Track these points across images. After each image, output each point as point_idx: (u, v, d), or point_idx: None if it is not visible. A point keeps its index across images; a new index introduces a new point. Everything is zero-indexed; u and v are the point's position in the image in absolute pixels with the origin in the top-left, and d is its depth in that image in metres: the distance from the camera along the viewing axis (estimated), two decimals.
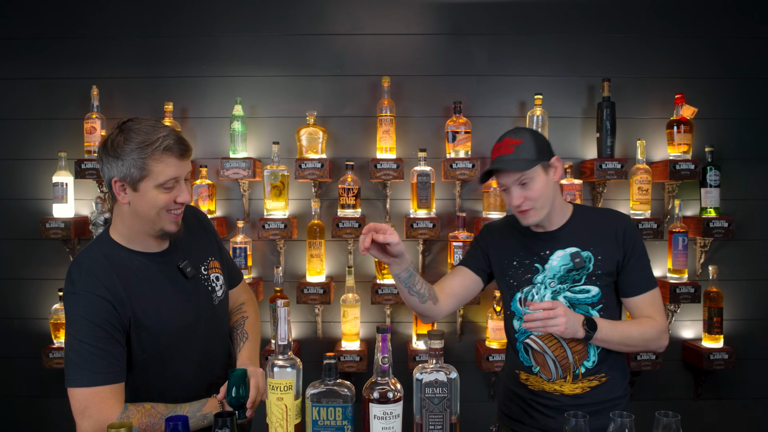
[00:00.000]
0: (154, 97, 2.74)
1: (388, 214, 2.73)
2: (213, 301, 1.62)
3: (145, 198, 1.43)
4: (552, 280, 1.67)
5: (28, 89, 2.76)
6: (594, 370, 1.66)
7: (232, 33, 2.75)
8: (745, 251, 2.77)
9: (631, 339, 1.61)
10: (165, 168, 1.42)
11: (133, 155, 1.39)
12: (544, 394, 1.68)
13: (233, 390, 1.43)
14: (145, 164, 1.40)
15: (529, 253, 1.72)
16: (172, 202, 1.45)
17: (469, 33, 2.76)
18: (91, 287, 1.41)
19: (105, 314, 1.40)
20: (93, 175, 2.59)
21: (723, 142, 2.75)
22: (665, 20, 2.75)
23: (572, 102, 2.76)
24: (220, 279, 1.66)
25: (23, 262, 2.77)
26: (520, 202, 1.62)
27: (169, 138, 1.41)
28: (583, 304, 1.65)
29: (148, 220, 1.46)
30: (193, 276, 1.57)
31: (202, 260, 1.63)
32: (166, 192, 1.44)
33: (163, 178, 1.42)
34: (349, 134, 2.77)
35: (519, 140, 1.61)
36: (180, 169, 1.44)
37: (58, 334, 2.64)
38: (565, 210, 1.72)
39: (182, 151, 1.44)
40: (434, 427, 1.35)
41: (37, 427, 2.80)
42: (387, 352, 1.35)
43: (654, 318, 1.65)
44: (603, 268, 1.65)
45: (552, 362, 1.66)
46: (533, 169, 1.60)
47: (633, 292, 1.67)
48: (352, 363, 2.58)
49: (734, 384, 2.78)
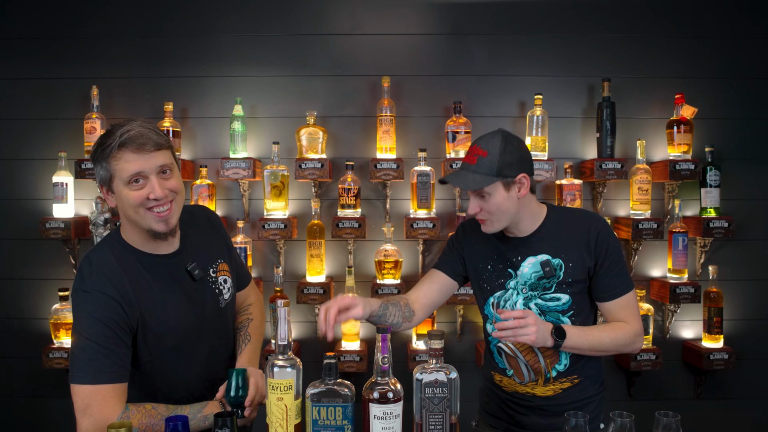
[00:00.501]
0: (154, 97, 2.74)
1: (388, 214, 2.73)
2: (219, 303, 1.62)
3: (121, 198, 1.42)
4: (524, 287, 1.67)
5: (28, 89, 2.76)
6: (565, 372, 1.67)
7: (232, 33, 2.75)
8: (745, 251, 2.77)
9: (602, 345, 1.60)
10: (125, 165, 1.38)
11: (101, 158, 1.40)
12: (517, 395, 1.72)
13: (232, 389, 1.43)
14: (108, 164, 1.39)
15: (502, 258, 1.71)
16: (145, 198, 1.40)
17: (469, 33, 2.76)
18: (101, 286, 1.41)
19: (113, 314, 1.40)
20: (93, 175, 2.57)
21: (723, 142, 2.75)
22: (665, 20, 2.75)
23: (572, 102, 2.76)
24: (228, 282, 1.65)
25: (23, 262, 2.77)
26: (475, 212, 1.63)
27: (126, 134, 1.37)
28: (553, 311, 1.65)
29: (133, 220, 1.44)
30: (201, 278, 1.56)
31: (210, 262, 1.61)
32: (135, 189, 1.40)
33: (125, 174, 1.38)
34: (349, 134, 2.77)
35: (485, 152, 1.58)
36: (142, 164, 1.38)
37: (58, 334, 2.64)
38: (536, 216, 1.68)
39: (139, 145, 1.37)
40: (434, 427, 1.35)
41: (37, 427, 2.80)
42: (387, 352, 1.35)
43: (628, 322, 1.64)
44: (573, 276, 1.63)
45: (524, 366, 1.68)
46: (492, 185, 1.57)
47: (606, 297, 1.66)
48: (352, 363, 2.58)
49: (734, 384, 2.78)
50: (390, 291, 2.57)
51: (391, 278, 2.62)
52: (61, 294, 2.62)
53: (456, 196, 2.73)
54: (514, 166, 1.58)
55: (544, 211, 1.71)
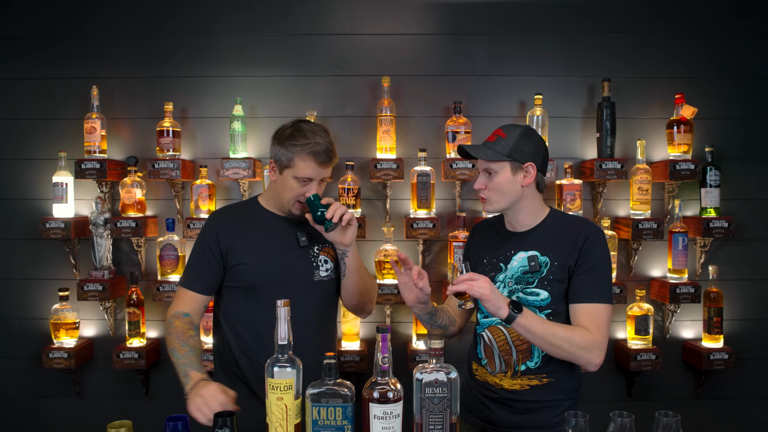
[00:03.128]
0: (154, 97, 2.74)
1: (388, 214, 2.73)
2: (313, 276, 1.83)
3: (284, 184, 1.78)
4: (510, 280, 1.72)
5: (28, 89, 2.76)
6: (535, 370, 1.69)
7: (232, 33, 2.75)
8: (745, 251, 2.77)
9: (556, 338, 1.55)
10: (306, 168, 1.74)
11: (289, 147, 1.75)
12: (486, 386, 1.75)
13: (315, 211, 1.72)
14: (293, 156, 1.74)
15: (497, 252, 1.77)
16: (302, 194, 1.77)
17: (469, 33, 2.76)
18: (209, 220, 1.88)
19: (209, 239, 1.81)
20: (93, 175, 2.59)
21: (723, 142, 2.75)
22: (665, 20, 2.75)
23: (572, 102, 2.76)
24: (328, 263, 1.87)
25: (23, 262, 2.77)
26: (479, 188, 1.72)
27: (319, 147, 1.73)
28: (531, 306, 1.67)
29: (282, 201, 1.81)
30: (304, 246, 1.84)
31: (319, 242, 1.87)
32: (300, 186, 1.76)
33: (301, 174, 1.74)
34: (349, 134, 2.77)
35: (505, 134, 1.70)
36: (316, 174, 1.75)
37: (58, 334, 2.64)
38: (537, 214, 1.75)
39: (323, 161, 1.75)
40: (434, 427, 1.35)
41: (37, 427, 2.80)
42: (387, 352, 1.35)
43: (590, 331, 1.59)
44: (555, 274, 1.66)
45: (498, 357, 1.73)
46: (501, 163, 1.67)
47: (574, 299, 1.65)
48: (352, 363, 2.58)
49: (734, 384, 2.78)
50: (390, 291, 2.58)
51: (391, 278, 2.62)
52: (61, 294, 2.62)
53: (456, 196, 2.73)
54: (526, 154, 1.67)
55: (546, 212, 1.77)
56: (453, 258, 2.61)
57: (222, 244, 1.79)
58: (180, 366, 1.62)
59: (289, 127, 1.80)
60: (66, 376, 2.74)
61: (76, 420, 2.75)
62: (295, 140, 1.74)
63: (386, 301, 2.59)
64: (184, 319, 1.73)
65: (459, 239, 2.59)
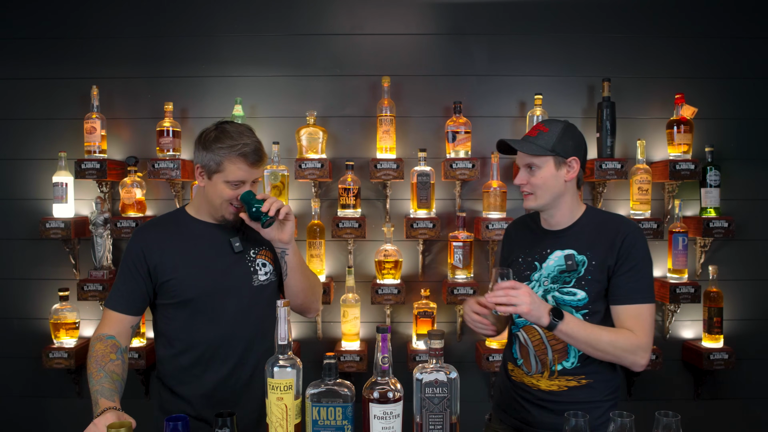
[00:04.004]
0: (154, 97, 2.74)
1: (388, 214, 2.73)
2: (252, 281, 1.75)
3: (215, 188, 1.69)
4: (546, 279, 1.69)
5: (28, 89, 2.76)
6: (573, 371, 1.66)
7: (232, 33, 2.75)
8: (745, 251, 2.77)
9: (600, 343, 1.55)
10: (237, 171, 1.66)
11: (215, 150, 1.66)
12: (523, 386, 1.72)
13: (248, 209, 1.65)
14: (221, 160, 1.66)
15: (533, 250, 1.75)
16: (234, 197, 1.69)
17: (469, 33, 2.76)
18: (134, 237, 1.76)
19: (134, 257, 1.71)
20: (93, 175, 2.59)
21: (723, 142, 2.75)
22: (665, 20, 2.75)
23: (572, 102, 2.76)
24: (267, 266, 1.79)
25: (23, 262, 2.77)
26: (522, 183, 1.69)
27: (247, 148, 1.66)
28: (568, 306, 1.65)
29: (214, 206, 1.72)
30: (239, 251, 1.75)
31: (255, 245, 1.79)
32: (232, 189, 1.68)
33: (232, 177, 1.66)
34: (349, 134, 2.78)
35: (547, 128, 1.68)
36: (248, 175, 1.68)
37: (58, 334, 2.64)
38: (574, 211, 1.73)
39: (253, 161, 1.67)
40: (434, 427, 1.35)
41: (37, 427, 2.80)
42: (387, 352, 1.35)
43: (634, 332, 1.58)
44: (593, 274, 1.63)
45: (533, 357, 1.70)
46: (544, 158, 1.65)
47: (617, 300, 1.62)
48: (352, 363, 2.58)
49: (734, 384, 2.78)
50: (390, 291, 2.58)
51: (391, 278, 2.62)
52: (61, 294, 2.62)
53: (456, 196, 2.73)
54: (569, 148, 1.66)
55: (583, 209, 1.75)
56: (453, 258, 2.61)
57: (149, 261, 1.69)
58: (93, 393, 1.53)
59: (212, 130, 1.71)
60: (66, 376, 2.74)
61: (76, 420, 2.75)
62: (222, 143, 1.66)
63: (386, 301, 2.59)
64: (107, 342, 1.62)
65: (459, 239, 2.59)
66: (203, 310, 1.69)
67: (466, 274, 2.63)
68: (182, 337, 1.71)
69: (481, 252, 2.76)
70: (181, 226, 1.77)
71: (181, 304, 1.70)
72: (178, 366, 1.71)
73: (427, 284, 2.71)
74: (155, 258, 1.69)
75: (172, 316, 1.72)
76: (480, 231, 2.57)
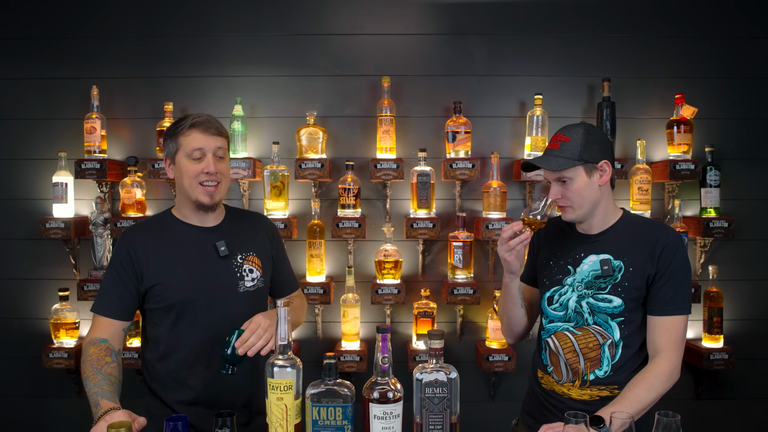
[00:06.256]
0: (154, 97, 2.74)
1: (388, 214, 2.73)
2: (238, 287, 1.73)
3: (180, 169, 1.69)
4: (580, 284, 1.65)
5: (28, 89, 2.76)
6: (605, 380, 1.61)
7: (232, 33, 2.75)
8: (745, 251, 2.77)
9: (643, 404, 1.49)
10: (191, 141, 1.67)
11: (172, 134, 1.70)
12: (554, 395, 1.68)
13: (228, 345, 1.53)
14: (177, 139, 1.69)
15: (565, 254, 1.71)
16: (200, 173, 1.67)
17: (469, 33, 2.76)
18: (120, 241, 1.74)
19: (123, 261, 1.70)
20: (93, 175, 2.59)
21: (723, 142, 2.75)
22: (665, 20, 2.75)
23: (572, 102, 2.76)
24: (254, 272, 1.77)
25: (23, 262, 2.77)
26: (557, 197, 1.64)
27: (197, 119, 1.69)
28: (602, 313, 1.61)
29: (185, 191, 1.70)
30: (225, 257, 1.73)
31: (242, 250, 1.77)
32: (195, 163, 1.67)
33: (189, 148, 1.67)
34: (349, 134, 2.78)
35: (567, 138, 1.61)
36: (205, 143, 1.67)
37: (58, 334, 2.64)
38: (610, 215, 1.68)
39: (206, 128, 1.68)
40: (434, 427, 1.35)
41: (37, 427, 2.80)
42: (387, 352, 1.35)
43: (663, 350, 1.56)
44: (631, 281, 1.59)
45: (564, 365, 1.65)
46: (574, 169, 1.59)
47: (655, 310, 1.59)
48: (352, 363, 2.58)
49: (734, 384, 2.78)
50: (390, 291, 2.58)
51: (391, 278, 2.62)
52: (61, 294, 2.62)
53: (456, 196, 2.73)
54: (597, 153, 1.60)
55: (619, 214, 1.70)
56: (453, 258, 2.61)
57: (136, 265, 1.68)
58: (91, 395, 1.50)
59: (172, 124, 1.77)
60: (66, 376, 2.74)
61: (76, 420, 2.75)
62: (176, 125, 1.71)
63: (386, 301, 2.59)
64: (101, 346, 1.60)
65: (459, 239, 2.59)
66: (187, 315, 1.68)
67: (466, 274, 2.63)
68: (167, 340, 1.70)
69: (481, 252, 2.76)
70: (166, 229, 1.75)
71: (165, 309, 1.69)
72: (163, 370, 1.70)
73: (427, 284, 2.71)
74: (142, 262, 1.68)
75: (158, 321, 1.71)
76: (480, 231, 2.57)
